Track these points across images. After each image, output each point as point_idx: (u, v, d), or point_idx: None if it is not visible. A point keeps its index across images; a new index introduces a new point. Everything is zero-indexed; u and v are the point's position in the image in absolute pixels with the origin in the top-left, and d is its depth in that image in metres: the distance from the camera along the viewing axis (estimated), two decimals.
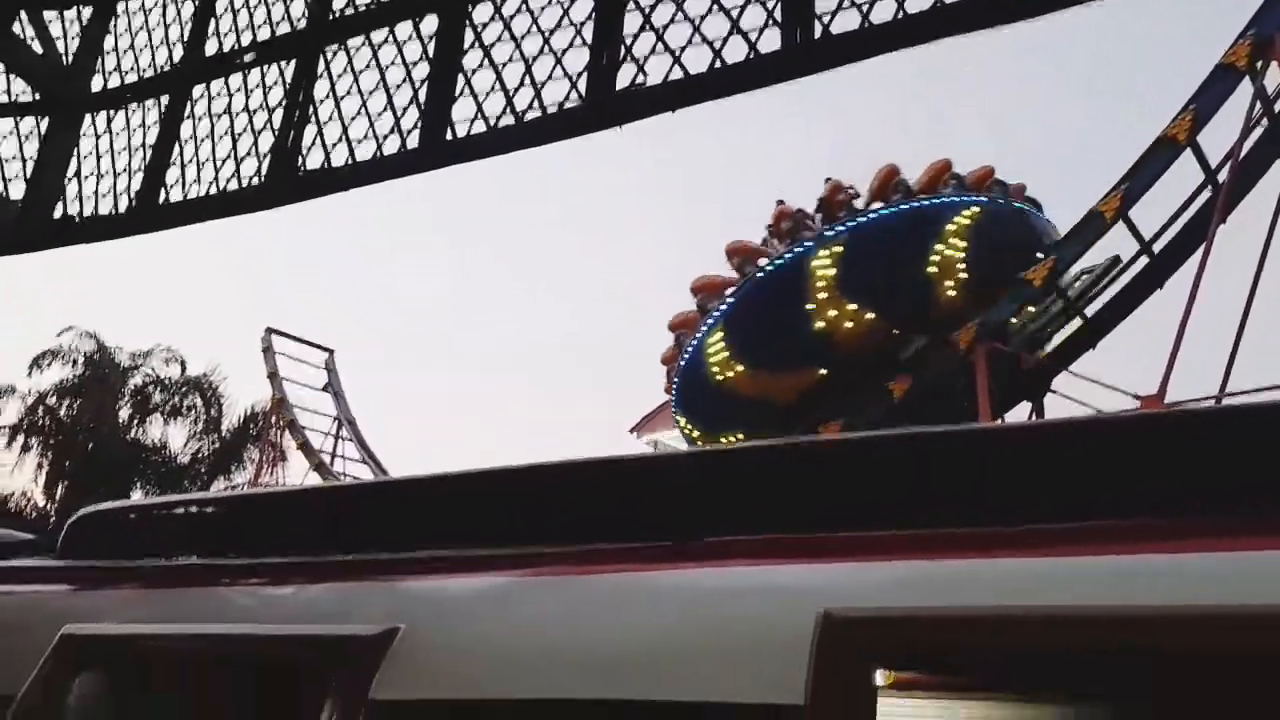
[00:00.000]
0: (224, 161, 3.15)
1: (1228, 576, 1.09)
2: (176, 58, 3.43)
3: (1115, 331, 14.53)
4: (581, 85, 2.56)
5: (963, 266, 14.61)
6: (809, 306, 14.85)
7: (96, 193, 3.38)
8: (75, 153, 3.48)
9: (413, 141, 2.79)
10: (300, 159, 2.99)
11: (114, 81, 3.54)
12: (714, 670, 1.28)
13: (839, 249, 14.84)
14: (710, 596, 1.42)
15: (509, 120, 2.64)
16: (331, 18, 3.11)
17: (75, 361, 27.29)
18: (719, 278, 16.21)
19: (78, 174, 3.46)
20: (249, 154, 3.11)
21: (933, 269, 14.66)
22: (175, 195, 3.20)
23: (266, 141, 3.10)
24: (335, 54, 3.08)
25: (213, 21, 3.38)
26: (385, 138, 2.85)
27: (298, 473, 25.65)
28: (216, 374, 27.80)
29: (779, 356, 15.13)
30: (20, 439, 26.24)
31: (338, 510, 2.11)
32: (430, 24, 2.93)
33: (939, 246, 14.61)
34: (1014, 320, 13.98)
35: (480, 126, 2.69)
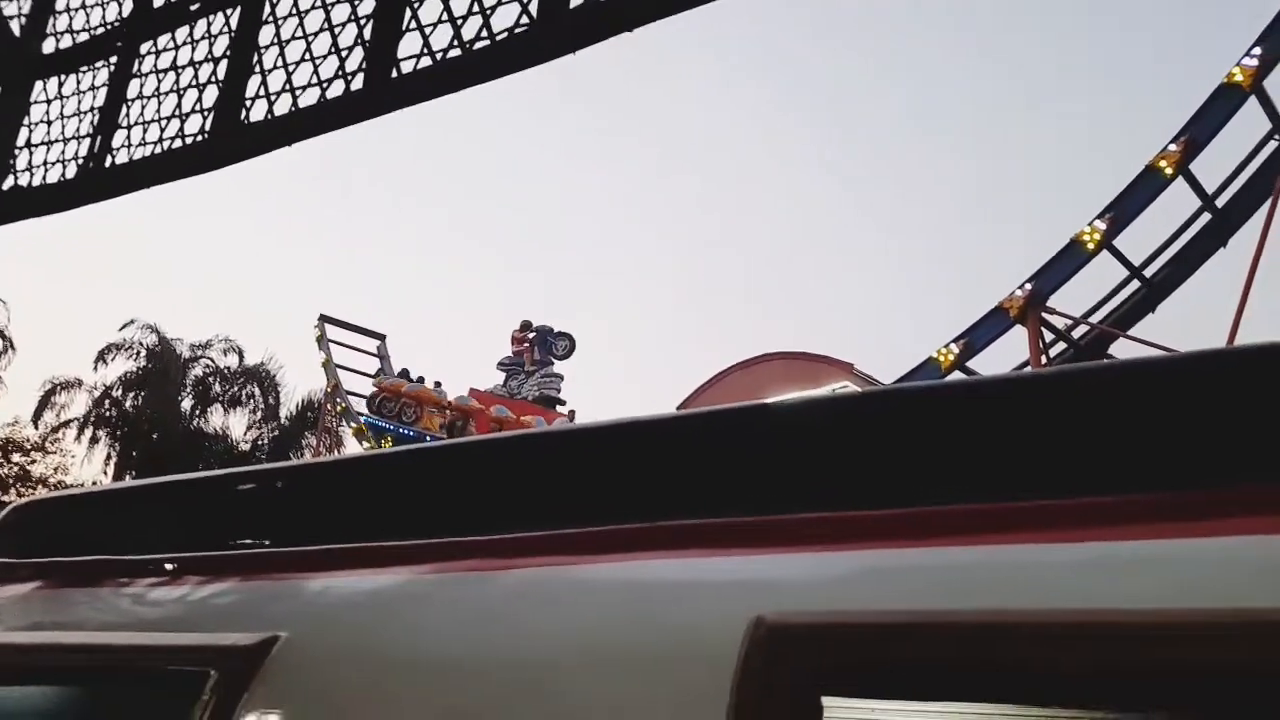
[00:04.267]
0: (169, 121, 2.92)
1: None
2: (126, 13, 3.20)
3: (1177, 293, 13.79)
4: (533, 7, 2.26)
5: None
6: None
7: (45, 162, 3.18)
8: (26, 122, 3.29)
9: (357, 84, 2.52)
10: (244, 113, 2.75)
11: (65, 43, 3.33)
12: (633, 689, 1.02)
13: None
14: (635, 596, 1.14)
15: (457, 53, 2.35)
16: None
17: (138, 354, 28.05)
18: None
19: (28, 143, 3.27)
20: (194, 110, 2.87)
21: None
22: (122, 159, 2.98)
23: (211, 97, 2.86)
24: None
25: None
26: (329, 83, 2.58)
27: None
28: (273, 363, 28.45)
29: None
30: (89, 430, 27.12)
31: (249, 498, 1.87)
32: None
33: None
34: None
35: (427, 63, 2.40)
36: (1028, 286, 12.89)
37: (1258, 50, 11.59)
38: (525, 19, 2.26)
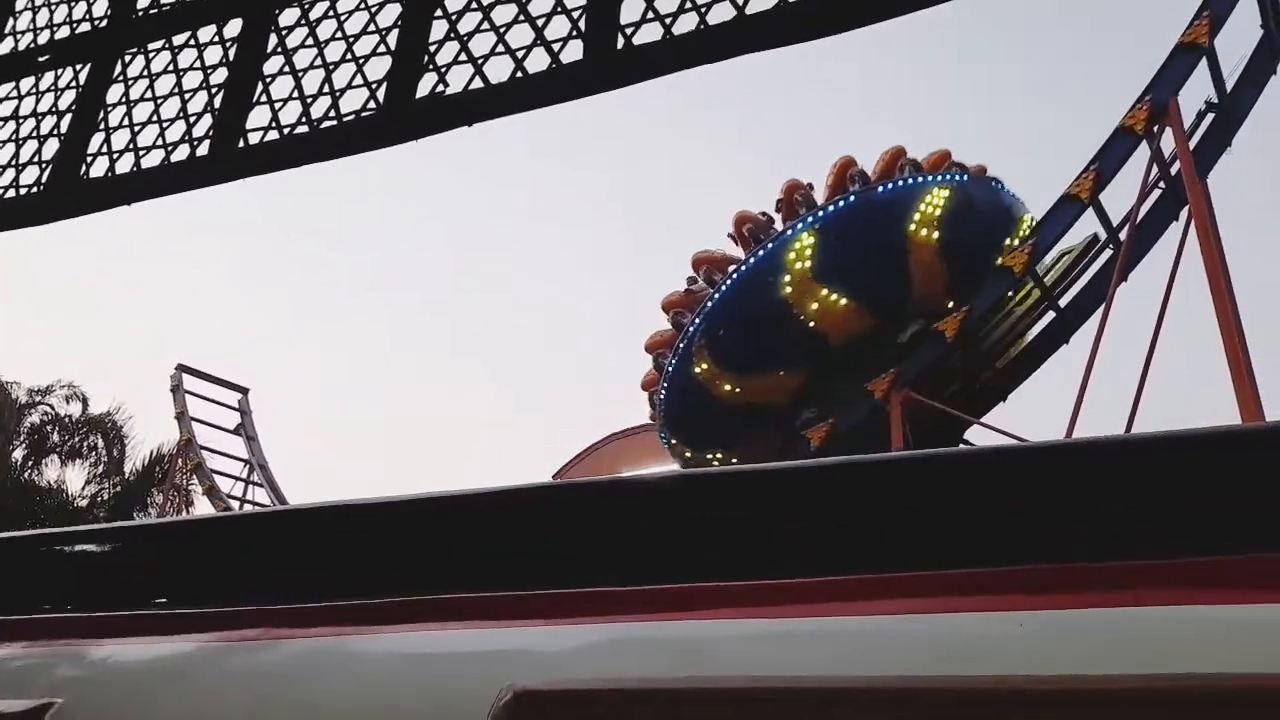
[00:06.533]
0: (3, 170, 2.85)
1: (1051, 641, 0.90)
2: None
3: (1026, 385, 14.79)
4: (381, 94, 2.35)
5: (937, 248, 14.67)
6: (787, 299, 14.99)
7: None
8: None
9: (203, 150, 2.54)
10: (84, 168, 2.71)
11: None
12: None
13: (810, 239, 15.08)
14: (401, 665, 1.21)
15: (304, 130, 2.41)
16: (134, 17, 2.86)
17: None
18: (689, 293, 16.37)
19: None
20: (32, 161, 2.82)
21: (908, 252, 14.79)
22: None
23: (51, 149, 2.81)
24: (134, 57, 2.82)
25: (10, 20, 3.09)
26: (174, 147, 2.59)
27: None
28: (120, 413, 26.43)
29: (764, 360, 15.30)
30: None
31: (32, 561, 1.82)
32: (234, 28, 2.70)
33: (912, 229, 14.76)
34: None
35: (274, 136, 2.45)
36: (892, 370, 13.55)
37: (1094, 166, 12.78)
38: (373, 104, 2.35)
